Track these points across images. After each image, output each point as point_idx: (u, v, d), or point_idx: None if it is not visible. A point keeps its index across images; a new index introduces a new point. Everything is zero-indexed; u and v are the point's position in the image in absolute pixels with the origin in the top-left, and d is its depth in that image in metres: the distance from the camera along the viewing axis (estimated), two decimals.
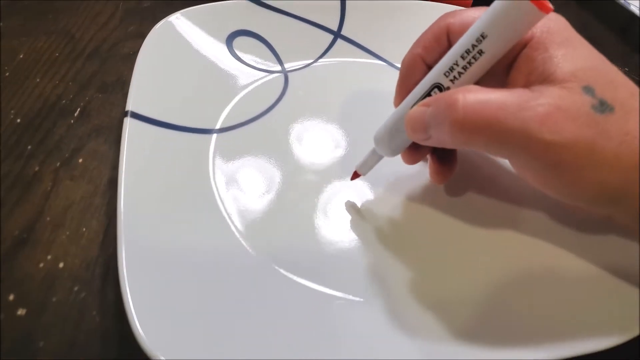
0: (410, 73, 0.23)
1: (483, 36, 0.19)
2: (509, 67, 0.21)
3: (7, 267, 0.24)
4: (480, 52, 0.19)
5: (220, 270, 0.23)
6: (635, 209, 0.19)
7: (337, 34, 0.36)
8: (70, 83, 0.33)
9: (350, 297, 0.23)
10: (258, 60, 0.34)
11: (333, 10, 0.36)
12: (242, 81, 0.33)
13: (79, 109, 0.32)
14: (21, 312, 0.22)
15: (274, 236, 0.25)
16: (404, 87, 0.24)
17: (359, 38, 0.36)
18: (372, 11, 0.36)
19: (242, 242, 0.25)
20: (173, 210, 0.25)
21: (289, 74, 0.34)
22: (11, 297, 0.23)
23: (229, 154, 0.28)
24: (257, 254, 0.24)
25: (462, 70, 0.20)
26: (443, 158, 0.25)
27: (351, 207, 0.27)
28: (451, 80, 0.20)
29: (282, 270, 0.23)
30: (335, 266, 0.24)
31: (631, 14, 0.41)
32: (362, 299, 0.23)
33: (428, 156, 0.26)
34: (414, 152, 0.25)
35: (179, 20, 0.33)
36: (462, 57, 0.19)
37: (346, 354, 0.20)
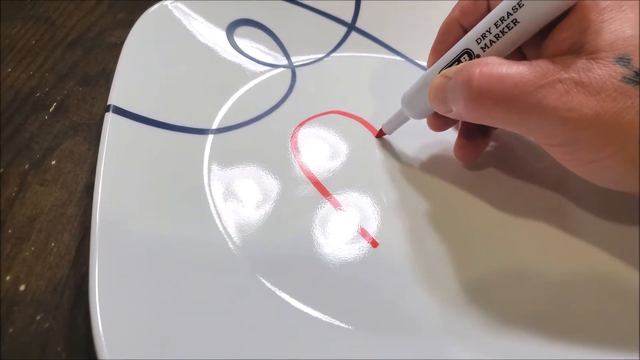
0: (446, 36, 0.23)
1: (520, 5, 0.18)
2: (545, 35, 0.20)
3: None
4: (515, 22, 0.18)
5: (219, 302, 0.20)
6: None
7: (351, 26, 0.34)
8: (47, 74, 0.31)
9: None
10: (262, 52, 0.32)
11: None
12: (244, 76, 0.30)
13: (55, 103, 0.29)
14: None
15: (276, 256, 0.22)
16: (439, 50, 0.23)
17: (375, 31, 0.34)
18: (390, 1, 0.34)
19: (243, 260, 0.21)
20: (159, 223, 0.22)
21: (297, 69, 0.31)
22: None
23: (227, 158, 0.26)
24: (262, 280, 0.21)
25: (494, 39, 0.19)
26: (472, 133, 0.25)
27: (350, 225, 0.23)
28: (482, 48, 0.20)
29: (294, 303, 0.20)
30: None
31: None
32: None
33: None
34: (439, 118, 0.24)
35: (175, 5, 0.30)
36: (496, 25, 0.19)
37: None
